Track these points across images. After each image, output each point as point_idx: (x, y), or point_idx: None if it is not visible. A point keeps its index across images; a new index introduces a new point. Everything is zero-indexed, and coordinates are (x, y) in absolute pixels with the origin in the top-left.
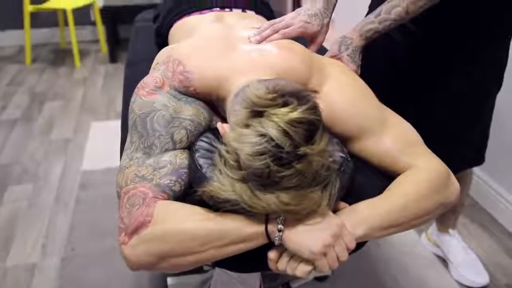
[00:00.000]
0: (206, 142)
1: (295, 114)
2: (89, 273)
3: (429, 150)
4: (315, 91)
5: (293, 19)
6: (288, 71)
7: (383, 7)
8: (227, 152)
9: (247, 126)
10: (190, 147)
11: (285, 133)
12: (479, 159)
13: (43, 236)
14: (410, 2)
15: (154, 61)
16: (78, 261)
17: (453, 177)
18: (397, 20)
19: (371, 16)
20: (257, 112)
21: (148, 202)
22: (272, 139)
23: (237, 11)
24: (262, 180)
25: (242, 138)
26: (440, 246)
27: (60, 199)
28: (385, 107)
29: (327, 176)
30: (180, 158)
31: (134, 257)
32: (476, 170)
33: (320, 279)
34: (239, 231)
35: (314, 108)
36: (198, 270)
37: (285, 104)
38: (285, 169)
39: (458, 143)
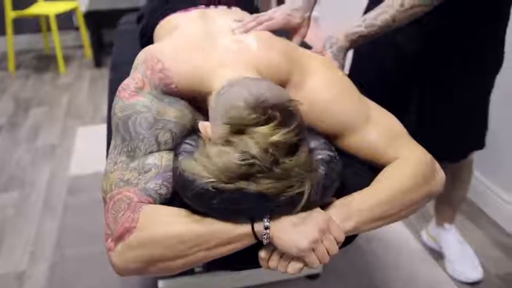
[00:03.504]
0: (190, 144)
1: (277, 137)
2: (79, 279)
3: (413, 140)
4: (300, 103)
5: (275, 13)
6: (268, 67)
7: (372, 13)
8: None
9: (228, 142)
10: (175, 149)
11: (267, 151)
12: (481, 143)
13: (32, 243)
14: (397, 11)
15: (134, 62)
16: (68, 267)
17: (438, 166)
18: (383, 27)
19: (360, 19)
20: (238, 130)
21: (133, 207)
22: (254, 157)
23: (222, 8)
24: (240, 175)
25: (223, 154)
26: (437, 240)
27: (48, 205)
28: (367, 100)
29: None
30: (165, 160)
31: (122, 263)
32: None
33: (311, 277)
34: (226, 232)
35: (298, 127)
36: (189, 272)
37: (267, 121)
38: (263, 173)
39: (465, 128)
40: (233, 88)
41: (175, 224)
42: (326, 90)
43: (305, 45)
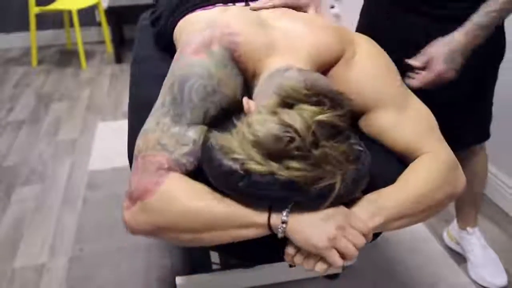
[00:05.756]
0: (227, 123)
1: (324, 116)
2: (97, 273)
3: (442, 138)
4: (351, 99)
5: None
6: (321, 51)
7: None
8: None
9: (274, 113)
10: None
11: (310, 128)
12: (487, 134)
13: (51, 236)
14: None
15: (183, 29)
16: (87, 261)
17: (460, 169)
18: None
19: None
20: (288, 103)
21: (161, 172)
22: (296, 131)
23: (240, 4)
24: (274, 153)
25: (266, 123)
26: (460, 243)
27: (67, 199)
28: (407, 88)
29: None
30: (204, 137)
31: (134, 222)
32: None
33: (330, 276)
34: (243, 217)
35: (344, 116)
36: (207, 269)
37: (317, 103)
38: (301, 152)
39: (470, 118)
40: (287, 73)
41: (195, 200)
42: (371, 62)
43: None
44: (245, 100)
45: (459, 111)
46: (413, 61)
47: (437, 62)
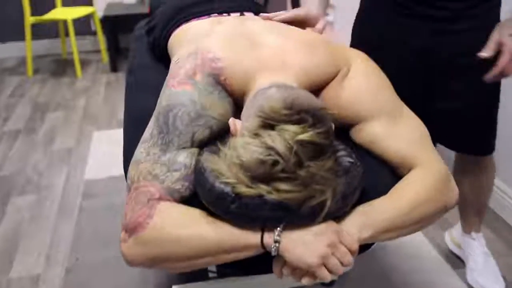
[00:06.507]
0: (217, 145)
1: (305, 136)
2: (93, 283)
3: (435, 150)
4: (333, 114)
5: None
6: (316, 68)
7: None
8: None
9: (256, 135)
10: (204, 147)
11: (292, 150)
12: (493, 134)
13: (47, 246)
14: None
15: (174, 58)
16: (82, 271)
17: (453, 181)
18: None
19: None
20: (269, 124)
21: (152, 203)
22: (278, 154)
23: (235, 15)
24: (262, 175)
25: (248, 146)
26: (463, 248)
27: (63, 209)
28: (400, 100)
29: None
30: (196, 160)
31: (130, 256)
32: None
33: (326, 284)
34: (235, 241)
35: (327, 133)
36: (204, 277)
37: (299, 122)
38: (287, 174)
39: (485, 127)
40: (271, 90)
41: (185, 228)
42: (366, 78)
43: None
44: (231, 120)
45: (464, 120)
46: (484, 53)
47: (507, 42)
